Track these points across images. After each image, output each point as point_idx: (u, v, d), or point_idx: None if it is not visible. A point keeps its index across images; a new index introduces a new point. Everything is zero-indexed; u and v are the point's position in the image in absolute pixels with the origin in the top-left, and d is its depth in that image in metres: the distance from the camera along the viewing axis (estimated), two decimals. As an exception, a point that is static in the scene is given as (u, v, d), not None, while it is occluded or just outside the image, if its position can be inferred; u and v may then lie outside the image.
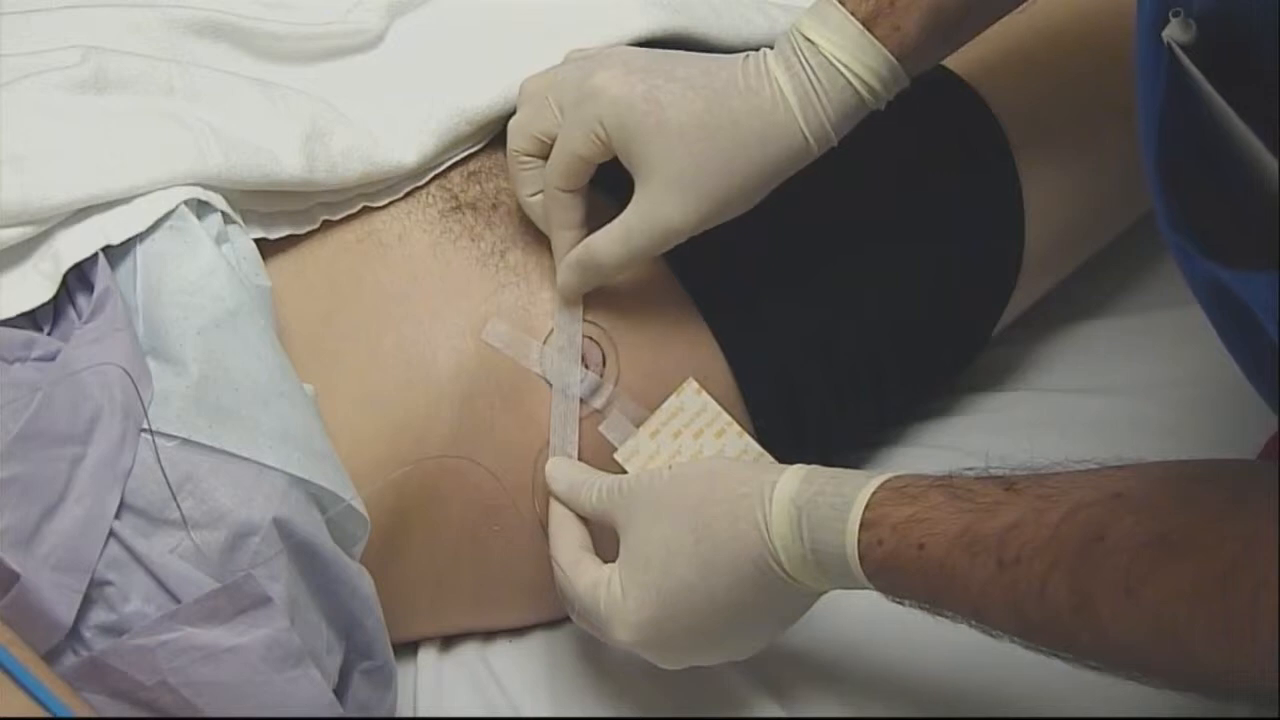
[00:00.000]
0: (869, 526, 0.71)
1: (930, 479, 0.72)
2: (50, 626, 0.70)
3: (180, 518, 0.73)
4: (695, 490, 0.78)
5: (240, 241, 0.83)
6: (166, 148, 0.83)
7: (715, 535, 0.75)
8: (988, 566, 0.67)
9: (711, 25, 0.99)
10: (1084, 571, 0.64)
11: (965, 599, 0.69)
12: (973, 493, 0.70)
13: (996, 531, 0.67)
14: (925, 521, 0.70)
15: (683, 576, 0.76)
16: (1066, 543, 0.65)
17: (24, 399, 0.73)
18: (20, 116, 0.83)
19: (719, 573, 0.75)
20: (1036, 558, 0.66)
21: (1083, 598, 0.64)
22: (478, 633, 0.94)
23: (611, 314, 0.89)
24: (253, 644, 0.72)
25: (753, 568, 0.75)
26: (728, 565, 0.75)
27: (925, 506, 0.70)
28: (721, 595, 0.75)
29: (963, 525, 0.69)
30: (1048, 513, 0.66)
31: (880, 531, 0.71)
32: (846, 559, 0.72)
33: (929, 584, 0.70)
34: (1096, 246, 1.04)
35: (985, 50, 0.97)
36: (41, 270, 0.79)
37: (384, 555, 0.83)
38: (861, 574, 0.72)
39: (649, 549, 0.77)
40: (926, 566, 0.69)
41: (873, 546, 0.71)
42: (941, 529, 0.69)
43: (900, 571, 0.70)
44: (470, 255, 0.89)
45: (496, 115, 0.94)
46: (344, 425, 0.82)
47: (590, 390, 0.87)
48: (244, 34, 0.95)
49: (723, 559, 0.75)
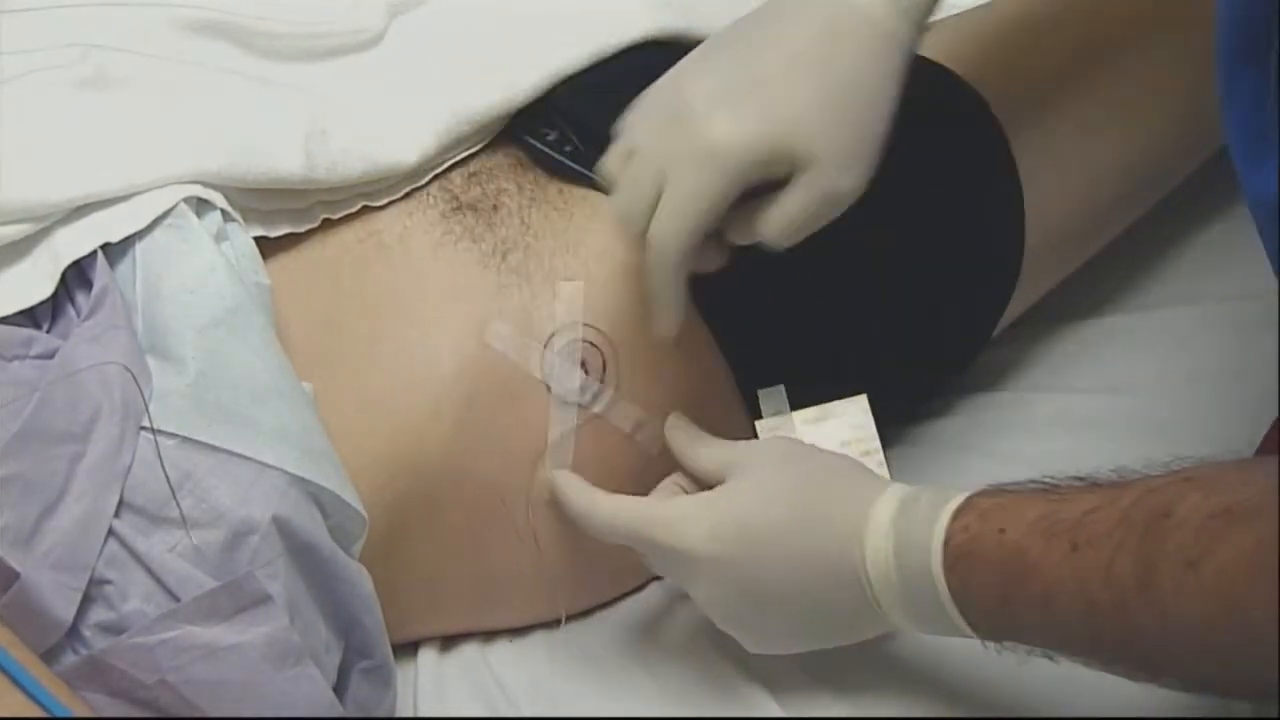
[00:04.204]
0: (959, 516, 0.73)
1: (1029, 481, 0.74)
2: (49, 625, 0.70)
3: (180, 516, 0.73)
4: (817, 468, 0.79)
5: (240, 239, 0.83)
6: (166, 145, 0.84)
7: (814, 519, 0.76)
8: (1061, 549, 0.68)
9: (713, 25, 0.98)
10: (1149, 547, 0.65)
11: (1036, 585, 0.69)
12: (1058, 485, 0.72)
13: (1073, 516, 0.68)
14: (1010, 508, 0.71)
15: (774, 523, 0.77)
16: (1135, 522, 0.66)
17: (23, 397, 0.73)
18: (20, 114, 0.83)
19: (806, 541, 0.76)
20: (1107, 538, 0.66)
21: (1147, 572, 0.64)
22: (478, 633, 0.94)
23: (612, 318, 0.89)
24: (252, 642, 0.72)
25: (842, 570, 0.75)
26: (819, 555, 0.76)
27: (1013, 496, 0.72)
28: (798, 571, 0.76)
29: (1042, 511, 0.70)
30: (1121, 497, 0.67)
31: (968, 518, 0.72)
32: (930, 546, 0.72)
33: (1004, 571, 0.70)
34: (1097, 246, 1.04)
35: (985, 50, 0.97)
36: (40, 268, 0.79)
37: (384, 555, 0.83)
38: (941, 564, 0.72)
39: (749, 498, 0.78)
40: (1004, 551, 0.70)
41: (958, 532, 0.72)
42: (1022, 514, 0.70)
43: (978, 558, 0.71)
44: (471, 256, 0.89)
45: (496, 115, 0.94)
46: (343, 425, 0.82)
47: (590, 395, 0.87)
48: (244, 33, 0.96)
49: (815, 545, 0.76)
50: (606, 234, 0.90)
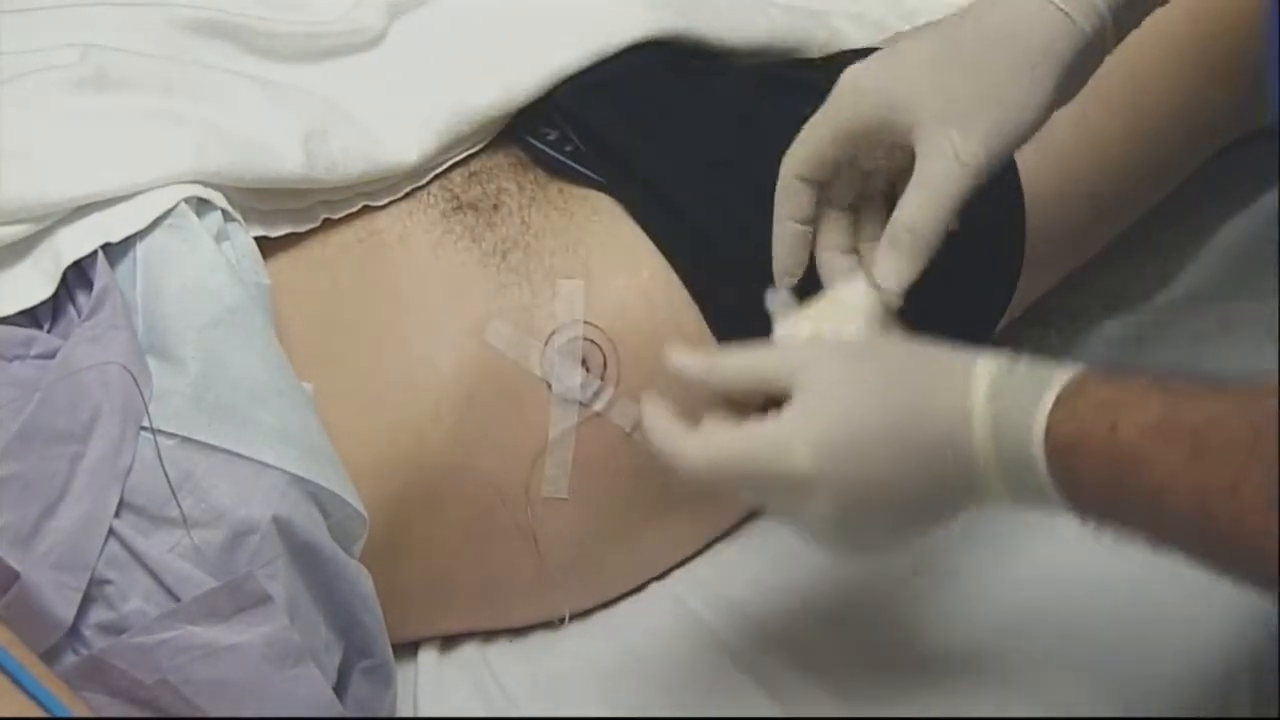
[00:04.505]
0: (1064, 402, 0.68)
1: (1140, 371, 0.69)
2: (50, 625, 0.70)
3: (180, 516, 0.73)
4: (895, 360, 0.73)
5: (240, 239, 0.83)
6: (166, 145, 0.84)
7: (914, 412, 0.71)
8: (1180, 455, 0.64)
9: (713, 25, 0.99)
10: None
11: (1148, 485, 0.65)
12: (1178, 385, 0.67)
13: (1196, 423, 0.64)
14: (1123, 405, 0.66)
15: (878, 425, 0.71)
16: (1268, 439, 0.62)
17: (24, 397, 0.73)
18: (20, 114, 0.83)
19: (912, 436, 0.71)
20: (1235, 451, 0.63)
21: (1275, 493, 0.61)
22: (478, 633, 0.94)
23: (612, 316, 0.89)
24: (252, 642, 0.72)
25: (949, 458, 0.70)
26: (925, 448, 0.70)
27: (1126, 390, 0.67)
28: (908, 468, 0.71)
29: (1161, 413, 0.66)
30: (1250, 406, 0.63)
31: (1075, 407, 0.67)
32: (1031, 432, 0.67)
33: (1113, 468, 0.66)
34: (1097, 246, 1.04)
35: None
36: (41, 268, 0.79)
37: (384, 554, 0.83)
38: (1043, 452, 0.67)
39: (844, 405, 0.72)
40: (1114, 449, 0.66)
41: (1063, 423, 0.67)
42: (1138, 414, 0.66)
43: (1085, 453, 0.67)
44: (471, 256, 0.89)
45: (496, 115, 0.94)
46: (344, 424, 0.82)
47: (591, 393, 0.87)
48: (244, 33, 0.95)
49: (920, 438, 0.70)
50: (607, 233, 0.90)
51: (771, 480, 0.72)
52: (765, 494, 0.75)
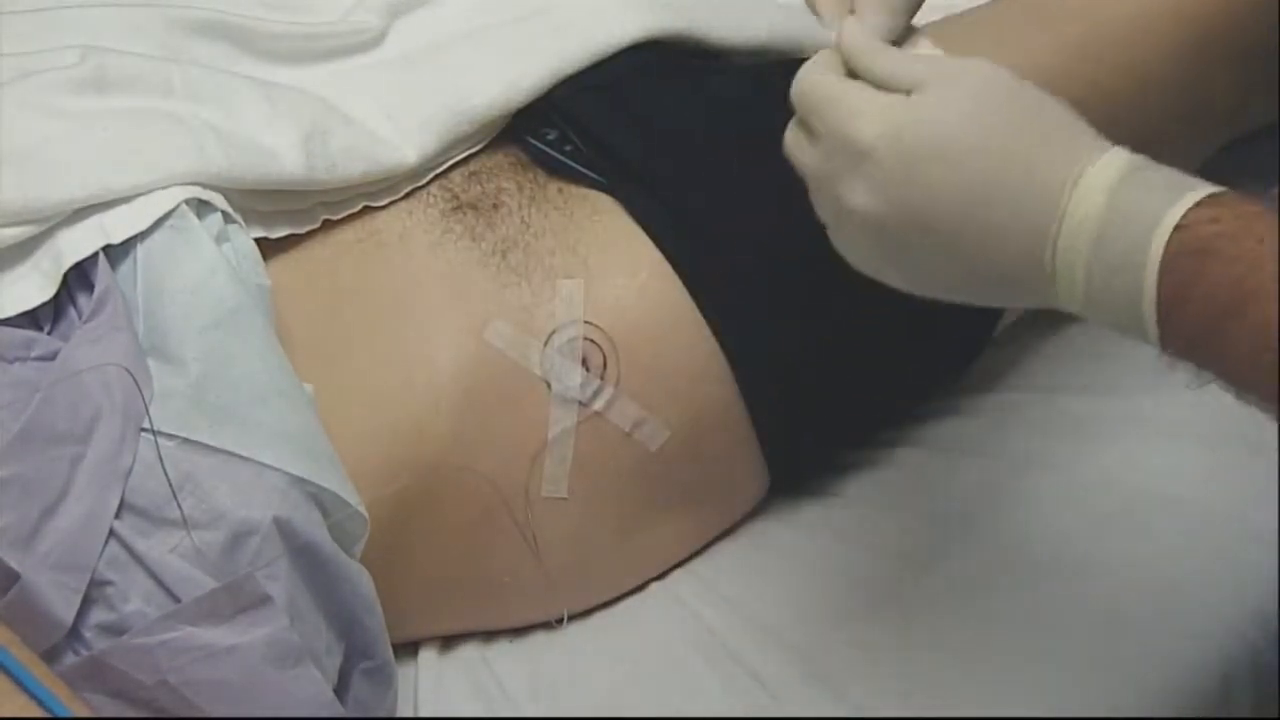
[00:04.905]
0: (1205, 205, 0.62)
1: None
2: (50, 626, 0.71)
3: (180, 517, 0.73)
4: (1031, 100, 0.69)
5: (240, 241, 0.84)
6: (167, 147, 0.84)
7: (1013, 153, 0.67)
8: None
9: (713, 25, 0.99)
10: None
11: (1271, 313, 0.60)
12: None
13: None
14: (1274, 223, 0.62)
15: (963, 142, 0.67)
16: None
17: (24, 398, 0.73)
18: (20, 116, 0.83)
19: (997, 175, 0.67)
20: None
21: None
22: (478, 633, 0.94)
23: (612, 316, 0.89)
24: (253, 643, 0.72)
25: (1029, 219, 0.66)
26: (1007, 196, 0.66)
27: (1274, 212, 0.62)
28: (979, 205, 0.67)
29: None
30: None
31: (1219, 210, 0.62)
32: (1156, 225, 0.62)
33: (1242, 282, 0.61)
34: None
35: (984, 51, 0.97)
36: (42, 269, 0.79)
37: (384, 555, 0.83)
38: (1160, 252, 0.62)
39: (942, 111, 0.68)
40: (1257, 260, 0.61)
41: (1203, 221, 0.62)
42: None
43: (1219, 258, 0.61)
44: (471, 255, 0.89)
45: (496, 115, 0.94)
46: (344, 425, 0.82)
47: (590, 393, 0.87)
48: (244, 34, 0.96)
49: (1007, 182, 0.66)
50: (607, 232, 0.90)
51: (830, 138, 0.71)
52: (824, 154, 0.72)
